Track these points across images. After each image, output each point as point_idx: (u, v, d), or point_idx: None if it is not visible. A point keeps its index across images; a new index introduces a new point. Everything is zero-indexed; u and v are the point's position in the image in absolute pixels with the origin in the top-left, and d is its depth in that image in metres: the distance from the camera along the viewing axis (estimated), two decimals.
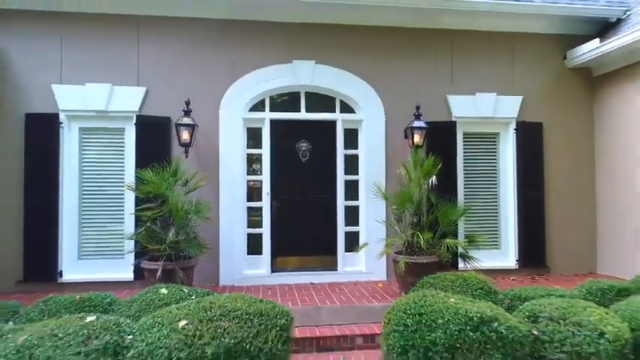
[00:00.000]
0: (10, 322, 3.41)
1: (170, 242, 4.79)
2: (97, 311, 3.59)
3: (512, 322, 3.24)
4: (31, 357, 2.68)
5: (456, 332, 3.08)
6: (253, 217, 6.37)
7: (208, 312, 3.02)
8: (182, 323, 2.94)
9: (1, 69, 5.71)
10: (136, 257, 5.55)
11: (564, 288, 4.73)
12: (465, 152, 6.72)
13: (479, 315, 3.17)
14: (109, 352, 2.81)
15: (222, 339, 2.80)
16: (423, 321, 3.20)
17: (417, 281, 4.61)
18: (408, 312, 3.32)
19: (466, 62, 6.68)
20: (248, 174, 6.37)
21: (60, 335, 2.85)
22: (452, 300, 3.45)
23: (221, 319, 2.96)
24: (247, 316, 3.01)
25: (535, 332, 3.37)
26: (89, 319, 3.09)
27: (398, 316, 3.36)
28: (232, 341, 2.80)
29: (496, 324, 3.13)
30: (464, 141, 6.72)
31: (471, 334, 3.08)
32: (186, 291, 3.95)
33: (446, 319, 3.16)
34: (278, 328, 3.02)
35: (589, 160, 6.93)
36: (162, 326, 2.96)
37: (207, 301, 3.21)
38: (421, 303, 3.39)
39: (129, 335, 2.97)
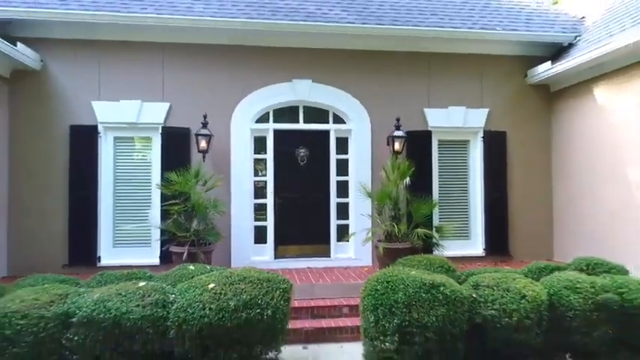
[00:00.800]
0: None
1: (193, 231, 5.79)
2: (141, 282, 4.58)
3: (455, 287, 4.21)
4: (105, 307, 3.67)
5: (413, 293, 4.04)
6: (259, 212, 7.32)
7: (230, 278, 3.99)
8: (211, 285, 3.92)
9: (50, 89, 6.70)
10: (161, 245, 6.54)
11: (513, 268, 5.73)
12: (439, 157, 7.67)
13: (430, 281, 4.14)
14: (159, 305, 3.80)
15: (241, 296, 3.78)
16: (389, 286, 4.17)
17: (393, 263, 5.59)
18: (379, 280, 4.29)
19: (440, 80, 7.64)
20: (255, 175, 7.32)
21: (123, 293, 3.83)
22: (413, 272, 4.42)
23: (239, 283, 3.93)
24: (259, 281, 3.98)
25: (474, 295, 4.34)
26: (141, 284, 4.07)
27: (371, 284, 4.34)
28: (248, 297, 3.78)
29: (442, 288, 4.10)
30: (438, 147, 7.67)
31: (424, 294, 4.05)
32: (209, 267, 4.92)
33: (406, 284, 4.12)
34: (281, 290, 4.00)
35: (546, 164, 7.88)
36: (197, 288, 3.93)
37: (228, 272, 4.19)
38: (389, 274, 4.36)
39: (172, 295, 3.96)
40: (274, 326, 3.88)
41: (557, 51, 7.65)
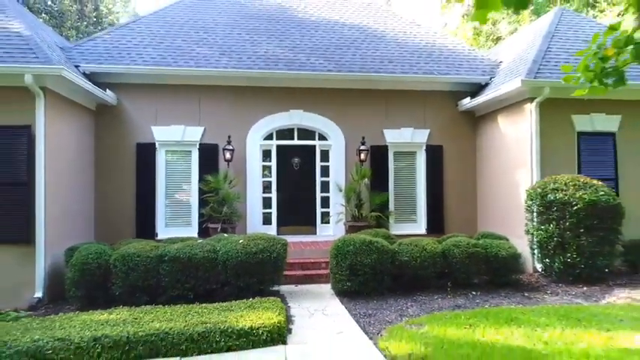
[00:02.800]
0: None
1: (223, 214, 8.25)
2: None
3: (385, 243, 6.67)
4: (183, 251, 6.10)
5: (358, 246, 6.49)
6: (266, 202, 9.78)
7: (251, 237, 6.44)
8: (241, 241, 6.39)
9: (122, 117, 9.11)
10: (200, 224, 9.00)
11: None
12: (394, 163, 10.06)
13: (369, 240, 6.61)
14: (212, 251, 6.25)
15: (258, 246, 6.23)
16: (345, 243, 6.60)
17: None
18: (340, 240, 6.75)
19: (395, 109, 10.04)
20: (263, 177, 9.73)
21: (191, 245, 6.27)
22: (361, 236, 6.92)
23: (257, 240, 6.39)
24: (268, 239, 6.43)
25: (397, 249, 6.82)
26: (199, 241, 6.58)
27: (335, 242, 6.80)
28: (262, 247, 6.22)
29: (376, 243, 6.55)
30: (393, 157, 10.05)
31: (364, 247, 6.50)
32: (235, 235, 7.42)
33: (355, 241, 6.58)
34: (281, 244, 6.46)
35: (472, 169, 10.30)
36: (232, 243, 6.38)
37: (250, 234, 6.69)
38: (346, 237, 6.84)
39: (218, 246, 6.44)
40: (277, 264, 6.36)
41: (478, 88, 10.08)
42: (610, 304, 5.96)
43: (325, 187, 9.89)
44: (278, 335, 4.47)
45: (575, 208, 6.69)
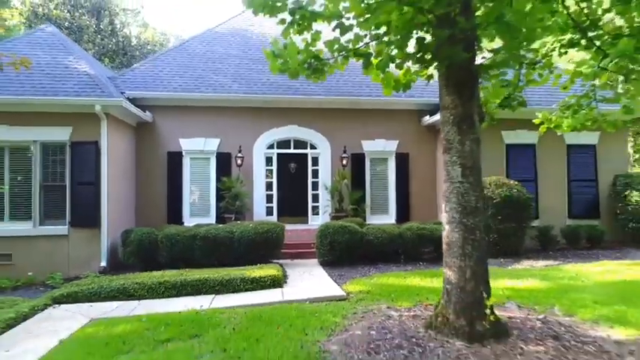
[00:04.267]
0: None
1: (236, 207, 10.34)
2: None
3: (356, 228, 8.74)
4: (210, 232, 8.19)
5: (336, 229, 8.53)
6: (268, 198, 11.82)
7: (259, 222, 8.56)
8: (251, 225, 8.45)
9: (156, 131, 11.18)
10: (217, 214, 11.08)
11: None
12: (370, 167, 12.12)
13: (344, 225, 8.66)
14: (230, 232, 8.31)
15: (264, 228, 8.29)
16: (327, 227, 8.66)
17: None
18: (323, 225, 8.84)
19: (371, 124, 12.09)
20: (266, 178, 11.79)
21: (215, 228, 8.34)
22: (339, 222, 9.01)
23: (263, 224, 8.43)
24: (271, 223, 8.50)
25: (365, 231, 8.91)
26: (220, 226, 8.67)
27: (320, 227, 8.92)
28: (267, 228, 8.25)
29: (348, 227, 8.58)
30: (370, 162, 12.14)
31: (340, 229, 8.54)
32: (246, 222, 9.49)
33: (334, 225, 8.63)
34: (280, 227, 8.52)
35: (433, 172, 12.30)
36: (245, 226, 8.48)
37: (256, 221, 8.79)
38: (328, 222, 8.95)
39: (234, 229, 8.52)
40: (277, 242, 8.44)
41: (438, 108, 12.14)
42: (514, 268, 8.06)
43: (315, 186, 11.96)
44: (277, 283, 6.55)
45: (495, 201, 8.78)
